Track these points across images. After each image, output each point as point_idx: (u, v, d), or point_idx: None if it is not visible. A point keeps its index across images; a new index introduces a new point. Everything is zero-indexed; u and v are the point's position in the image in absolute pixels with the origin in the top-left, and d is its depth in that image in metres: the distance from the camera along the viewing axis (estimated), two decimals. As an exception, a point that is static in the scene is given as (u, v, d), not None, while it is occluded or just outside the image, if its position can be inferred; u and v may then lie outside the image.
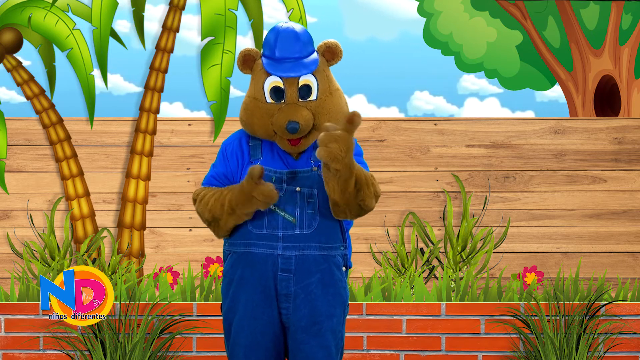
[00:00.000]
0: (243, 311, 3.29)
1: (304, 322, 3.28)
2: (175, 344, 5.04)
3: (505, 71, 5.96)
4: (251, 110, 3.30)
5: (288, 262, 3.27)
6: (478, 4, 5.97)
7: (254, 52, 3.33)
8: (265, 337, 3.29)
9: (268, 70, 3.26)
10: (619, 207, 5.74)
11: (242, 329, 3.30)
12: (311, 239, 3.28)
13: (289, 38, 3.26)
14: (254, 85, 3.30)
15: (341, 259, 3.34)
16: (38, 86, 5.75)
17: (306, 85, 3.26)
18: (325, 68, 3.31)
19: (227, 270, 3.34)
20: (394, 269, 5.48)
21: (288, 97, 3.25)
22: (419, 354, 5.06)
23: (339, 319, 3.33)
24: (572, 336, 4.96)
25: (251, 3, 5.74)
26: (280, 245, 3.27)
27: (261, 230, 3.28)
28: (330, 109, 3.29)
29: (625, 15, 5.96)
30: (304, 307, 3.28)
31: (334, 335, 3.31)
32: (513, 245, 5.71)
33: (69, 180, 5.69)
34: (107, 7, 5.70)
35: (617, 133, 5.75)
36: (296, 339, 3.29)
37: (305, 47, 3.28)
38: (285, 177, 3.29)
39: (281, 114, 3.23)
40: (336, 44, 3.33)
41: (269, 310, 3.28)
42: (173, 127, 5.76)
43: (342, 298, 3.33)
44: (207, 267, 5.44)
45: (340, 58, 3.34)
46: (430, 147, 5.74)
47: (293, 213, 3.28)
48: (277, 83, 3.25)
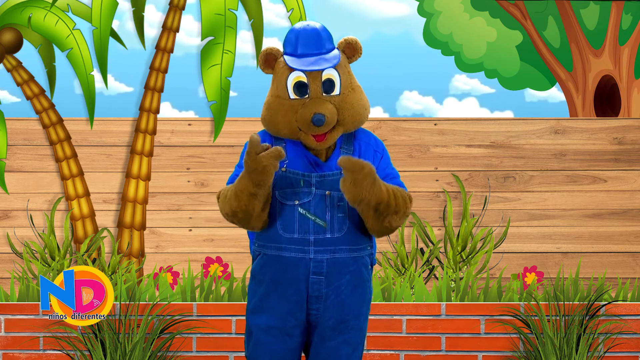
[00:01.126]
0: (272, 313, 3.31)
1: (332, 322, 3.31)
2: (175, 344, 5.04)
3: (505, 71, 5.96)
4: (275, 108, 3.30)
5: (320, 265, 3.28)
6: (478, 4, 5.96)
7: (276, 51, 3.34)
8: (292, 339, 3.32)
9: (291, 65, 3.27)
10: (619, 207, 5.74)
11: (269, 330, 3.31)
12: (342, 242, 3.29)
13: (310, 35, 3.29)
14: (277, 84, 3.30)
15: (368, 258, 3.38)
16: (38, 86, 5.75)
17: (329, 80, 3.27)
18: (346, 64, 3.33)
19: (256, 270, 3.35)
20: (394, 269, 5.48)
21: (312, 92, 3.26)
22: (419, 354, 5.06)
23: (365, 317, 3.37)
24: (572, 336, 4.96)
25: (251, 3, 5.74)
26: (312, 250, 3.28)
27: (292, 234, 3.28)
28: (354, 104, 3.31)
29: (625, 15, 5.96)
30: (333, 308, 3.30)
31: (360, 333, 3.36)
32: (513, 245, 5.71)
33: (69, 180, 5.69)
34: (107, 7, 5.70)
35: (617, 133, 5.75)
36: (323, 335, 3.31)
37: (327, 43, 3.31)
38: (314, 180, 3.29)
39: (306, 108, 3.24)
40: (356, 40, 3.36)
41: (298, 314, 3.31)
42: (173, 127, 5.76)
43: (369, 297, 3.38)
44: (207, 267, 5.44)
45: (360, 54, 3.36)
46: (430, 147, 5.74)
47: (324, 217, 3.28)
48: (301, 78, 3.27)
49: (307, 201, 3.28)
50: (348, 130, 3.32)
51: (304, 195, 3.28)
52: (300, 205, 3.28)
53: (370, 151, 3.40)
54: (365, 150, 3.39)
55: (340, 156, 3.21)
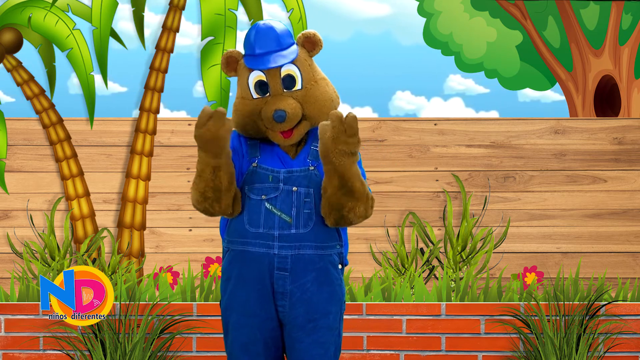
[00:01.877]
0: (241, 308, 3.31)
1: (299, 320, 3.30)
2: (175, 344, 5.04)
3: (505, 71, 5.96)
4: (240, 109, 3.32)
5: (284, 261, 3.28)
6: (478, 4, 5.96)
7: (236, 54, 3.36)
8: (263, 333, 3.31)
9: (249, 66, 3.28)
10: (619, 207, 5.74)
11: (240, 326, 3.32)
12: (307, 238, 3.29)
13: (265, 33, 3.29)
14: (240, 85, 3.33)
15: (337, 257, 3.35)
16: (38, 86, 5.75)
17: (289, 75, 3.28)
18: (307, 58, 3.33)
19: (225, 267, 3.36)
20: (394, 269, 5.48)
21: (272, 89, 3.27)
22: (419, 354, 5.06)
23: (335, 316, 3.34)
24: (572, 336, 4.96)
25: (251, 3, 5.74)
26: (276, 245, 3.28)
27: (258, 229, 3.29)
28: (318, 97, 3.31)
29: (625, 15, 5.96)
30: (299, 306, 3.29)
31: (331, 332, 3.33)
32: (513, 245, 5.71)
33: (69, 180, 5.69)
34: (107, 7, 5.70)
35: (617, 133, 5.75)
36: (292, 336, 3.31)
37: (283, 39, 3.30)
38: (282, 176, 3.30)
39: (267, 105, 3.26)
40: (314, 33, 3.35)
41: (266, 307, 3.30)
42: (173, 127, 5.76)
43: (338, 296, 3.34)
44: (207, 267, 5.44)
45: (320, 47, 3.36)
46: (430, 147, 5.74)
47: (289, 213, 3.29)
48: (261, 77, 3.28)
49: (274, 196, 3.28)
50: (315, 124, 3.32)
51: (271, 190, 3.29)
52: (267, 200, 3.28)
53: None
54: None
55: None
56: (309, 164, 3.32)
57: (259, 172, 3.32)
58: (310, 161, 3.33)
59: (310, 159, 3.33)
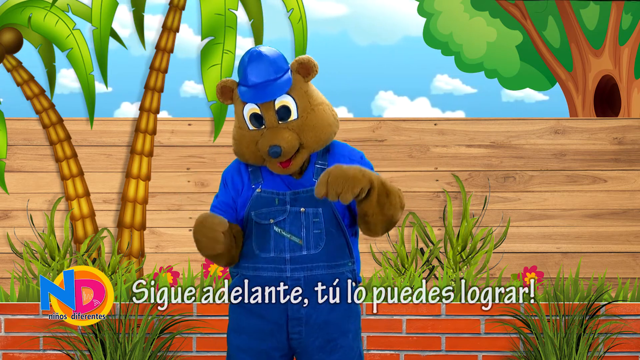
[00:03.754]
0: (251, 333, 3.28)
1: (318, 342, 3.26)
2: (175, 344, 5.04)
3: (505, 71, 5.96)
4: (238, 139, 3.28)
5: (297, 283, 3.24)
6: (478, 4, 5.97)
7: (230, 82, 3.29)
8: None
9: (243, 99, 3.22)
10: (619, 207, 5.74)
11: (248, 351, 3.28)
12: (319, 258, 3.25)
13: (257, 62, 3.20)
14: (236, 115, 3.28)
15: (350, 274, 3.31)
16: (38, 86, 5.75)
17: (284, 107, 3.21)
18: (302, 85, 3.24)
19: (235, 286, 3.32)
20: (394, 269, 5.48)
21: (267, 122, 3.21)
22: (419, 354, 5.06)
23: (354, 335, 3.30)
24: (572, 336, 4.96)
25: (251, 3, 5.74)
26: (288, 268, 3.24)
27: (268, 253, 3.25)
28: (315, 124, 3.24)
29: (625, 15, 5.96)
30: (317, 328, 3.25)
31: (351, 352, 3.29)
32: (513, 245, 5.71)
33: (69, 180, 5.69)
34: (107, 7, 5.70)
35: (617, 133, 5.75)
36: (313, 359, 3.26)
37: (276, 68, 3.21)
38: (288, 198, 3.26)
39: (263, 139, 3.20)
40: (309, 59, 3.26)
41: (278, 335, 3.26)
42: (173, 127, 5.76)
43: (355, 313, 3.31)
44: (207, 267, 5.44)
45: (316, 72, 3.26)
46: (430, 147, 5.74)
47: (299, 234, 3.24)
48: (255, 110, 3.22)
49: (282, 219, 3.24)
50: (313, 150, 3.27)
51: (278, 213, 3.25)
52: (275, 224, 3.25)
53: (345, 162, 3.32)
54: (339, 161, 3.32)
55: (314, 189, 3.17)
56: (314, 183, 3.27)
57: (264, 196, 3.27)
58: (315, 180, 3.28)
59: (315, 178, 3.28)
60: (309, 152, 3.26)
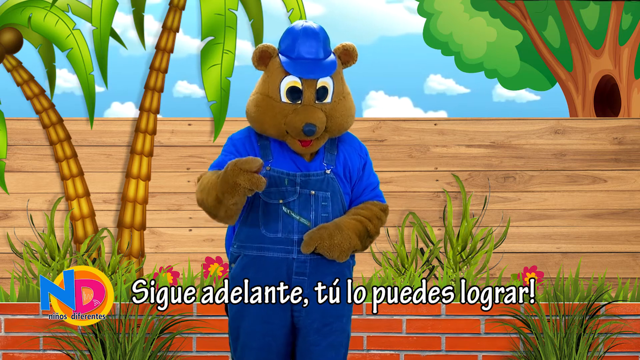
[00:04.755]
0: (255, 315, 3.27)
1: (316, 324, 3.28)
2: (175, 344, 5.04)
3: (505, 71, 5.96)
4: (263, 108, 3.23)
5: (303, 265, 3.25)
6: (478, 4, 5.97)
7: (271, 49, 3.25)
8: (277, 340, 3.28)
9: (287, 69, 3.20)
10: (619, 207, 5.74)
11: (254, 333, 3.28)
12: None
13: (309, 38, 3.21)
14: (269, 83, 3.23)
15: (351, 259, 3.36)
16: (38, 86, 5.75)
17: (323, 88, 3.21)
18: (340, 70, 3.27)
19: (236, 273, 3.29)
20: (394, 269, 5.48)
21: (305, 99, 3.20)
22: (419, 354, 5.06)
23: (347, 319, 3.35)
24: (572, 336, 4.96)
25: (251, 3, 5.74)
26: (295, 249, 3.25)
27: (276, 234, 3.24)
28: (342, 112, 3.26)
29: (625, 15, 5.96)
30: (316, 309, 3.27)
31: (343, 334, 3.33)
32: (513, 245, 5.71)
33: (69, 180, 5.70)
34: (107, 7, 5.70)
35: (617, 133, 5.75)
36: (307, 340, 3.28)
37: (324, 47, 3.24)
38: (299, 179, 3.26)
39: (297, 115, 3.18)
40: (353, 47, 3.29)
41: (281, 314, 3.27)
42: (173, 127, 5.76)
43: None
44: (207, 267, 5.44)
45: (355, 61, 3.30)
46: (430, 147, 5.74)
47: (308, 217, 3.25)
48: (296, 83, 3.20)
49: (292, 200, 3.24)
50: (333, 136, 3.29)
51: (288, 194, 3.24)
52: (284, 204, 3.25)
53: (354, 155, 3.35)
54: (350, 153, 3.34)
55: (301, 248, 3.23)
56: (324, 168, 3.28)
57: (273, 175, 3.26)
58: (326, 165, 3.29)
59: (326, 162, 3.29)
60: (330, 136, 3.28)
